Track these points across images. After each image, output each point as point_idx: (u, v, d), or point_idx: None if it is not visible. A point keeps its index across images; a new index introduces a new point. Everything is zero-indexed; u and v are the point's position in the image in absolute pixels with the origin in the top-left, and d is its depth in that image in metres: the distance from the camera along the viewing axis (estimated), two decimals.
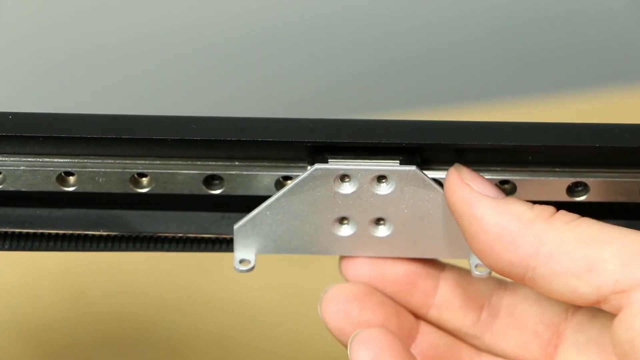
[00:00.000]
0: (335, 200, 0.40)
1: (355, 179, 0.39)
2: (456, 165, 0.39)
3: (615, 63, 0.91)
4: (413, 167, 0.39)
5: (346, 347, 0.40)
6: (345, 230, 0.41)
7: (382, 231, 0.41)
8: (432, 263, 0.42)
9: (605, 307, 0.36)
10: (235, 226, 0.41)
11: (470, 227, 0.38)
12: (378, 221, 0.41)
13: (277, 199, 0.40)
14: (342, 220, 0.41)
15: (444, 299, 0.42)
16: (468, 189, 0.38)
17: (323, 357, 0.61)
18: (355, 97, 0.91)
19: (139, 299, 0.64)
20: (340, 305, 0.41)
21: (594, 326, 0.40)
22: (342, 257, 0.42)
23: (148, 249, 0.42)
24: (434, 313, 0.42)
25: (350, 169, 0.39)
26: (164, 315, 0.63)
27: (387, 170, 0.39)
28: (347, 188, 0.40)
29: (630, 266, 0.35)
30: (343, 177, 0.39)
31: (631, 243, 0.36)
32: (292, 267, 0.61)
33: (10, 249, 0.41)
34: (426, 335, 0.42)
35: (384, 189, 0.40)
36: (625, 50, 0.91)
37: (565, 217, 0.37)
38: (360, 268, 0.42)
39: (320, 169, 0.39)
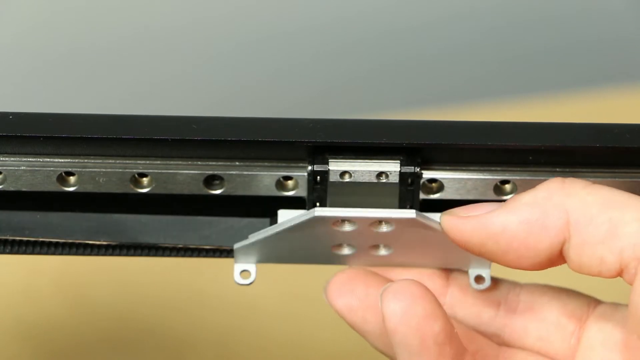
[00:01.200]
0: (336, 234, 0.40)
1: (354, 222, 0.39)
2: (442, 215, 0.39)
3: (615, 63, 0.91)
4: (413, 214, 0.39)
5: (355, 329, 0.40)
6: (346, 251, 0.41)
7: (382, 251, 0.41)
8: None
9: (626, 277, 0.36)
10: (236, 246, 0.41)
11: (498, 246, 0.37)
12: (378, 245, 0.41)
13: (276, 233, 0.40)
14: (342, 244, 0.41)
15: (455, 297, 0.41)
16: (472, 219, 0.38)
17: (323, 358, 0.61)
18: (355, 97, 0.91)
19: (139, 298, 0.64)
20: (345, 285, 0.40)
21: (617, 316, 0.40)
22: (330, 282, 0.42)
23: (148, 255, 0.42)
24: (447, 311, 0.41)
25: (350, 216, 0.39)
26: (164, 315, 0.63)
27: (386, 217, 0.39)
28: (347, 227, 0.40)
29: None
30: (343, 219, 0.39)
31: None
32: (292, 267, 0.61)
33: (10, 252, 0.41)
34: None
35: (384, 229, 0.40)
36: (625, 50, 0.91)
37: (579, 183, 0.37)
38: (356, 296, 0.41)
39: (319, 217, 0.39)
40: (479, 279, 0.41)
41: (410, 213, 0.39)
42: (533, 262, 0.38)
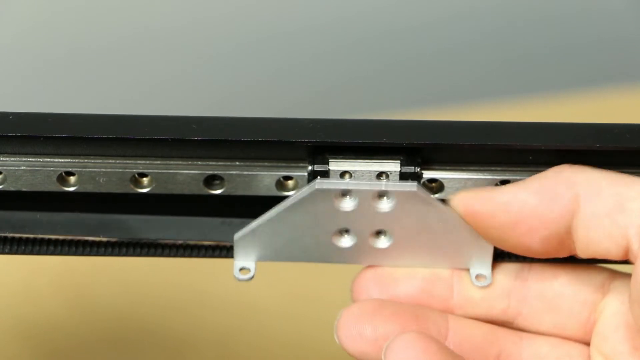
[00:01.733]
0: (336, 215, 0.40)
1: (355, 195, 0.39)
2: (452, 196, 0.39)
3: (615, 63, 0.91)
4: (414, 186, 0.39)
5: None
6: (346, 242, 0.41)
7: (383, 243, 0.41)
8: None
9: (630, 256, 0.36)
10: (236, 236, 0.41)
11: (508, 215, 0.38)
12: (378, 233, 0.41)
13: (277, 213, 0.40)
14: (342, 231, 0.41)
15: (462, 297, 0.41)
16: (483, 191, 0.38)
17: (324, 358, 0.61)
18: (355, 97, 0.91)
19: (139, 298, 0.64)
20: (352, 329, 0.40)
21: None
22: (352, 286, 0.42)
23: (148, 255, 0.42)
24: (458, 311, 0.41)
25: (351, 188, 0.39)
26: (164, 315, 0.63)
27: (387, 190, 0.39)
28: (348, 204, 0.39)
29: None
30: (344, 193, 0.39)
31: None
32: (292, 267, 0.61)
33: (10, 252, 0.41)
34: (458, 330, 0.41)
35: (385, 205, 0.40)
36: (625, 50, 0.91)
37: (588, 166, 0.38)
38: (368, 293, 0.41)
39: (320, 189, 0.39)
40: (479, 277, 0.41)
41: (412, 186, 0.39)
42: (542, 237, 0.38)
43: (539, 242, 0.38)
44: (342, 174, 0.39)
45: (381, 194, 0.39)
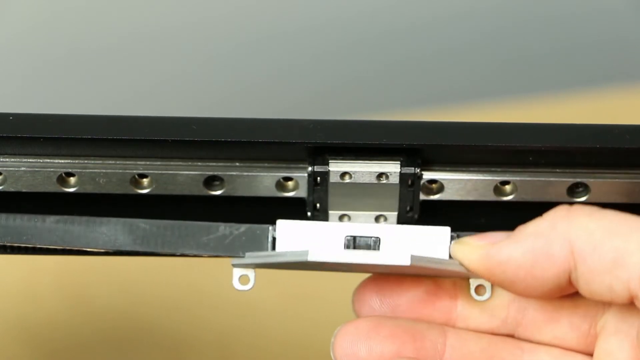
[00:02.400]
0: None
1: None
2: (453, 244, 0.39)
3: (615, 63, 0.91)
4: (407, 260, 0.38)
5: None
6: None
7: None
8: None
9: (638, 303, 0.36)
10: (233, 262, 0.40)
11: (505, 275, 0.38)
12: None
13: (270, 263, 0.39)
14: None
15: (465, 309, 0.41)
16: (479, 249, 0.38)
17: (323, 357, 0.61)
18: (355, 98, 0.91)
19: (139, 298, 0.64)
20: (347, 349, 0.40)
21: (634, 315, 0.39)
22: (353, 296, 0.41)
23: (145, 254, 0.41)
24: (460, 324, 0.41)
25: (342, 262, 0.38)
26: (163, 315, 0.63)
27: (380, 264, 0.38)
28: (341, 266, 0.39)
29: None
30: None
31: None
32: None
33: (9, 253, 0.41)
34: (457, 347, 0.40)
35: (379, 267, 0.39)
36: (625, 50, 0.91)
37: (584, 210, 0.37)
38: (370, 307, 0.41)
39: (311, 261, 0.38)
40: (479, 288, 0.41)
41: (404, 259, 0.38)
42: (542, 292, 0.38)
43: (540, 294, 0.38)
44: (342, 175, 0.39)
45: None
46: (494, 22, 0.89)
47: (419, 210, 0.40)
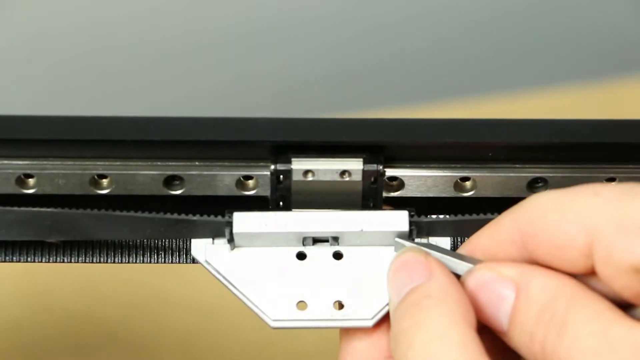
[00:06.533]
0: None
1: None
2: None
3: (591, 58, 0.91)
4: (369, 323, 0.38)
5: None
6: None
7: None
8: None
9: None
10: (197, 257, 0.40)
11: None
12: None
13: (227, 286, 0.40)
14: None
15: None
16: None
17: (297, 356, 0.61)
18: (320, 97, 0.91)
19: (103, 299, 0.63)
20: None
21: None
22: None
23: (106, 261, 0.41)
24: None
25: (305, 326, 0.39)
26: (127, 315, 0.63)
27: (344, 327, 0.39)
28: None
29: None
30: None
31: None
32: None
33: None
34: None
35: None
36: (612, 44, 0.91)
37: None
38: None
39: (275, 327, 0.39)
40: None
41: (366, 322, 0.38)
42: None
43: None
44: (305, 173, 0.40)
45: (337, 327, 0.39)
46: (472, 19, 0.90)
47: (381, 207, 0.40)
